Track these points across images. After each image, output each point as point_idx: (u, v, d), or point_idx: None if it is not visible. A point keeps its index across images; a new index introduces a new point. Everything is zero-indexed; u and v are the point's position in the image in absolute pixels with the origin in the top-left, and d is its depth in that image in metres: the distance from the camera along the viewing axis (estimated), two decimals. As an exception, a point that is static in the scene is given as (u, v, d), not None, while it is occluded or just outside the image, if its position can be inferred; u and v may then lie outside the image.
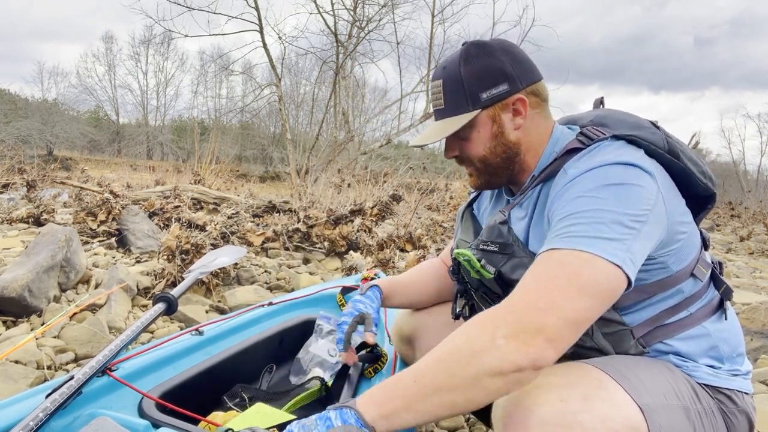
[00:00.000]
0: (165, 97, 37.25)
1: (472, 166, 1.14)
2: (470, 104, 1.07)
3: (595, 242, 0.85)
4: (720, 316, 1.07)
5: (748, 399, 1.05)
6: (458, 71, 1.08)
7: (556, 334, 0.79)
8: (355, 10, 10.74)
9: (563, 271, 0.83)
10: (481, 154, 1.10)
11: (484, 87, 1.06)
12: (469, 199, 1.34)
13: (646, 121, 1.09)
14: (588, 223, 0.87)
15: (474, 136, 1.09)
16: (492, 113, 1.08)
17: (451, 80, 1.08)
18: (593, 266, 0.83)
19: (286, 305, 1.81)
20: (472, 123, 1.08)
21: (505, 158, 1.10)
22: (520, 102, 1.07)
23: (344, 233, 4.21)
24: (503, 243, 1.07)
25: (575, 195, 0.93)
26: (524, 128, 1.09)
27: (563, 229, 0.89)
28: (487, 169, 1.12)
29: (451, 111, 1.09)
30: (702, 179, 1.10)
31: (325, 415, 0.82)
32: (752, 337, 2.71)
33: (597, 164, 0.95)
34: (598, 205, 0.89)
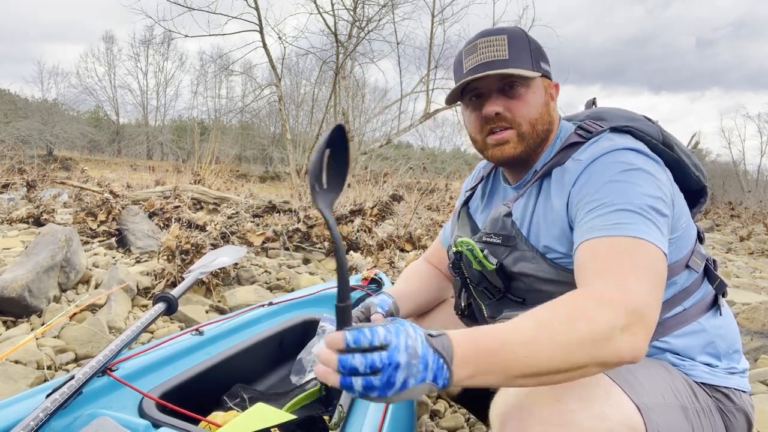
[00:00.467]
0: (165, 97, 37.28)
1: (515, 129, 1.08)
2: (534, 66, 1.08)
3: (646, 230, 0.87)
4: (715, 312, 1.08)
5: (746, 397, 1.05)
6: (524, 35, 1.10)
7: (653, 328, 0.80)
8: (355, 10, 10.75)
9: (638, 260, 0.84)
10: (533, 116, 1.08)
11: (543, 59, 1.11)
12: (465, 197, 1.34)
13: (640, 115, 1.12)
14: (630, 210, 0.89)
15: (530, 97, 1.08)
16: (546, 83, 1.11)
17: (520, 39, 1.08)
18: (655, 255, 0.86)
19: (286, 305, 1.81)
20: (531, 84, 1.08)
21: (546, 129, 1.11)
22: (556, 88, 1.14)
23: (344, 233, 4.21)
24: (506, 235, 1.08)
25: (602, 181, 0.94)
26: (555, 112, 1.14)
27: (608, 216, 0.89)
28: (532, 134, 1.09)
29: (517, 63, 1.06)
30: (695, 171, 1.12)
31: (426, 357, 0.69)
32: (752, 337, 2.70)
33: (607, 149, 0.98)
34: (632, 191, 0.91)
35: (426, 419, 1.81)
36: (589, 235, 0.89)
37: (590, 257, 0.87)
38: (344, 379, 0.68)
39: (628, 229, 0.87)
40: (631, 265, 0.83)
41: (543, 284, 1.04)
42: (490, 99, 1.07)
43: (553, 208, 1.03)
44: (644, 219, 0.88)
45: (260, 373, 1.57)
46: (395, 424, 1.16)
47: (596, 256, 0.87)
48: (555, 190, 1.03)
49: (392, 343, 0.69)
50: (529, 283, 1.06)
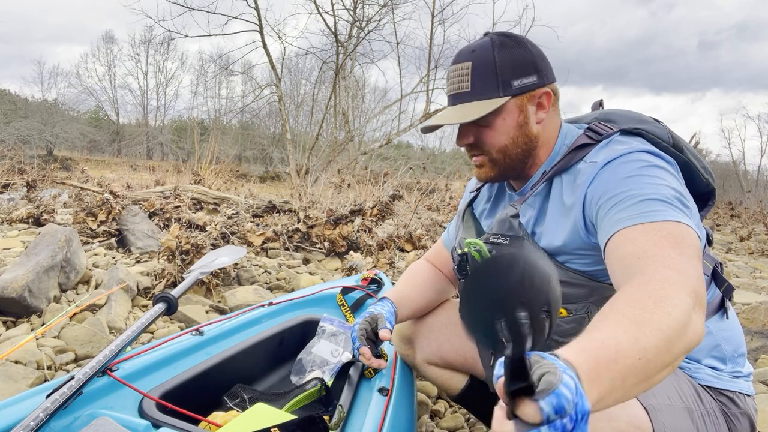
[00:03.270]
0: (165, 97, 37.27)
1: (486, 156, 1.10)
2: (501, 90, 1.05)
3: (678, 215, 0.85)
4: (722, 315, 1.07)
5: (750, 401, 1.05)
6: (491, 55, 1.06)
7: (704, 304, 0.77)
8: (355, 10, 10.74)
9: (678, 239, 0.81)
10: (503, 143, 1.07)
11: (517, 75, 1.05)
12: (469, 199, 1.33)
13: (649, 117, 1.12)
14: (658, 198, 0.87)
15: (498, 124, 1.06)
16: (520, 102, 1.07)
17: (483, 64, 1.05)
18: (692, 234, 0.83)
19: (286, 305, 1.81)
20: (499, 110, 1.05)
21: (524, 150, 1.09)
22: (546, 96, 1.08)
23: (344, 233, 4.21)
24: (514, 236, 1.07)
25: (625, 175, 0.93)
26: (544, 123, 1.10)
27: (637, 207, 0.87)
28: (505, 159, 1.09)
29: (479, 95, 1.05)
30: (704, 174, 1.12)
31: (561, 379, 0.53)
32: (752, 337, 2.70)
33: (624, 151, 0.97)
34: (655, 182, 0.90)
35: (426, 419, 1.81)
36: (621, 225, 0.87)
37: (629, 244, 0.84)
38: None
39: (660, 215, 0.85)
40: (674, 245, 0.80)
41: None
42: (461, 131, 1.11)
43: (563, 207, 1.02)
44: (672, 206, 0.87)
45: (260, 373, 1.57)
46: (395, 424, 1.16)
47: (635, 242, 0.83)
48: (566, 191, 1.02)
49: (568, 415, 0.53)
50: None
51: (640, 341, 0.65)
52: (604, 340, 0.64)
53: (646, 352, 0.64)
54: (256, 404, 1.18)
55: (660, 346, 0.65)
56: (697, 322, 0.71)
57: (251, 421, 1.06)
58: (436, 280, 1.44)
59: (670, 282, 0.73)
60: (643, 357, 0.64)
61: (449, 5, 11.35)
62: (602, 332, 0.66)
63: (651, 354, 0.64)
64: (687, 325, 0.69)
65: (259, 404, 1.17)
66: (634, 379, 0.64)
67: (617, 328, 0.66)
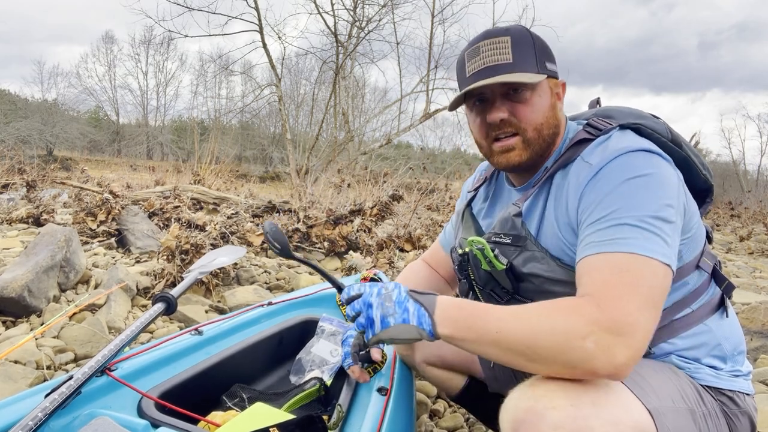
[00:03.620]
0: (165, 97, 37.28)
1: (520, 135, 1.05)
2: (539, 68, 1.04)
3: (647, 243, 0.86)
4: (721, 314, 1.07)
5: (750, 400, 1.05)
6: (529, 35, 1.06)
7: (641, 349, 0.81)
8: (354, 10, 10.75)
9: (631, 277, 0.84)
10: (539, 121, 1.05)
11: (548, 59, 1.07)
12: (468, 199, 1.33)
13: (647, 113, 1.11)
14: (631, 223, 0.88)
15: (535, 101, 1.04)
16: (552, 84, 1.08)
17: (523, 39, 1.04)
18: (654, 270, 0.85)
19: (285, 305, 1.81)
20: (537, 87, 1.04)
21: (554, 133, 1.08)
22: (563, 87, 1.11)
23: (344, 233, 4.21)
24: (516, 235, 1.06)
25: (606, 191, 0.93)
26: (561, 113, 1.12)
27: (608, 231, 0.89)
28: (538, 140, 1.06)
29: (522, 66, 1.02)
30: (702, 170, 1.12)
31: (405, 303, 0.91)
32: (752, 337, 2.70)
33: (619, 151, 0.96)
34: (635, 201, 0.90)
35: (425, 419, 1.81)
36: (587, 252, 0.90)
37: (585, 273, 0.89)
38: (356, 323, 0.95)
39: (625, 245, 0.86)
40: (622, 283, 0.84)
41: (552, 285, 1.02)
42: (495, 105, 1.04)
43: (563, 208, 1.01)
44: (644, 232, 0.87)
45: (259, 373, 1.57)
46: (394, 424, 1.16)
47: (590, 272, 0.88)
48: (564, 190, 1.02)
49: (365, 292, 0.95)
50: (539, 284, 1.04)
51: (506, 320, 0.85)
52: (481, 305, 0.90)
53: (507, 329, 0.84)
54: (255, 404, 1.18)
55: (521, 332, 0.83)
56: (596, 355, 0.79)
57: (250, 421, 1.06)
58: (431, 279, 1.43)
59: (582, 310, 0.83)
60: (501, 330, 0.85)
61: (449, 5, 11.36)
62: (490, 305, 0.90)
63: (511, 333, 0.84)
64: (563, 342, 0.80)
65: (258, 404, 1.17)
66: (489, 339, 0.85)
67: (503, 308, 0.88)
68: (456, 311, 0.89)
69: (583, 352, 0.80)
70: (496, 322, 0.85)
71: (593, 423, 0.80)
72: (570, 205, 0.99)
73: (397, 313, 0.89)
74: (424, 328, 0.88)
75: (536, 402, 0.82)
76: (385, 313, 0.90)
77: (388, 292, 0.92)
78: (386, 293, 0.92)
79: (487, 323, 0.86)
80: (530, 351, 0.83)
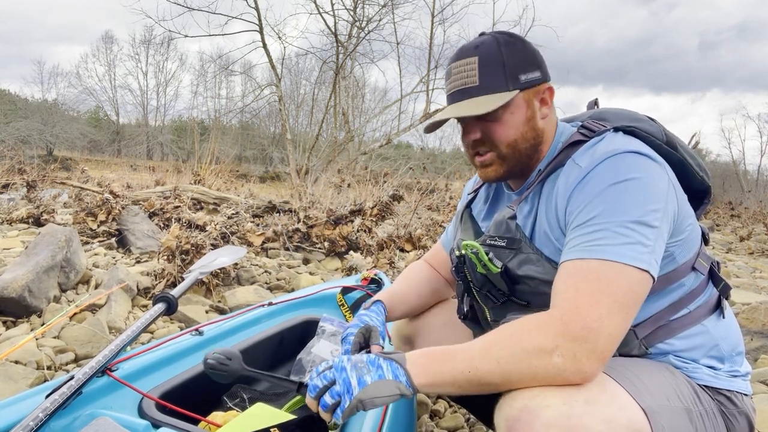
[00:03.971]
0: (165, 97, 37.26)
1: (495, 152, 1.08)
2: (509, 84, 1.04)
3: (623, 249, 0.88)
4: (719, 315, 1.07)
5: (747, 400, 1.05)
6: (498, 50, 1.05)
7: (606, 352, 0.85)
8: (355, 10, 10.75)
9: (602, 284, 0.87)
10: (512, 138, 1.06)
11: (523, 69, 1.06)
12: (467, 200, 1.33)
13: (643, 116, 1.11)
14: (611, 229, 0.90)
15: (507, 118, 1.05)
16: (527, 97, 1.07)
17: (490, 57, 1.05)
18: (627, 276, 0.87)
19: (286, 305, 1.81)
20: (508, 104, 1.05)
21: (532, 145, 1.09)
22: (549, 91, 1.09)
23: (344, 233, 4.21)
24: (511, 238, 1.07)
25: (592, 195, 0.94)
26: (548, 119, 1.10)
27: (587, 236, 0.91)
28: (514, 155, 1.08)
29: (488, 88, 1.04)
30: (699, 172, 1.12)
31: (377, 362, 0.90)
32: (752, 337, 2.70)
33: (607, 154, 0.96)
34: (617, 206, 0.91)
35: (426, 419, 1.81)
36: (567, 257, 0.93)
37: (560, 279, 0.92)
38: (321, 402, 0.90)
39: (600, 251, 0.88)
40: (591, 289, 0.86)
41: (547, 287, 1.02)
42: (469, 125, 1.09)
43: (554, 210, 1.02)
44: (624, 237, 0.88)
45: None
46: (395, 424, 1.16)
47: (564, 278, 0.91)
48: (555, 193, 1.02)
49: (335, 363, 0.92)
50: (534, 286, 1.05)
51: (475, 358, 0.87)
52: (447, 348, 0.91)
53: (476, 368, 0.86)
54: (256, 404, 1.18)
55: (492, 371, 0.85)
56: (561, 363, 0.83)
57: (251, 421, 1.06)
58: (431, 279, 1.44)
59: (546, 322, 0.86)
60: (473, 371, 0.86)
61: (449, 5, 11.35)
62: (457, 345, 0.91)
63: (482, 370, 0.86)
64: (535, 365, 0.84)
65: (258, 404, 1.17)
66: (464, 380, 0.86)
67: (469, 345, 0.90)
68: (425, 359, 0.90)
69: (553, 368, 0.83)
70: (468, 361, 0.87)
71: (586, 421, 0.80)
72: (559, 207, 1.00)
73: (372, 371, 0.88)
74: (401, 380, 0.88)
75: (530, 400, 0.83)
76: (360, 373, 0.88)
77: (358, 357, 0.92)
78: (356, 358, 0.91)
79: (457, 364, 0.88)
80: (505, 379, 0.86)
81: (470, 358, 0.87)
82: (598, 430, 0.80)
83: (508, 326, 0.90)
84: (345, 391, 0.87)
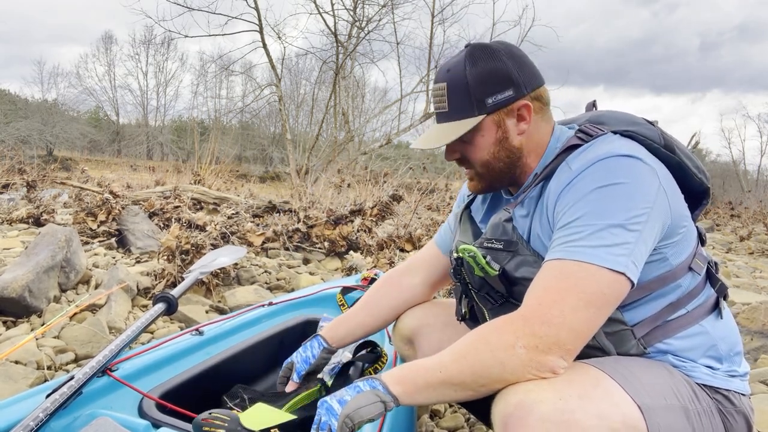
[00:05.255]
0: (165, 98, 37.25)
1: (473, 170, 1.14)
2: (476, 109, 1.06)
3: (598, 252, 0.89)
4: (717, 315, 1.08)
5: (746, 400, 1.05)
6: (464, 75, 1.06)
7: (568, 345, 0.87)
8: (354, 11, 10.75)
9: (569, 283, 0.89)
10: (485, 158, 1.10)
11: (490, 92, 1.06)
12: (467, 201, 1.33)
13: (641, 119, 1.11)
14: (590, 231, 0.91)
15: (478, 141, 1.09)
16: (497, 118, 1.08)
17: (456, 84, 1.07)
18: (597, 277, 0.88)
19: (286, 305, 1.81)
20: (477, 128, 1.07)
21: (508, 163, 1.11)
22: (525, 108, 1.08)
23: (344, 233, 4.21)
24: (508, 240, 1.07)
25: (577, 197, 0.95)
26: (527, 133, 1.10)
27: (567, 237, 0.93)
28: (490, 173, 1.12)
29: (456, 115, 1.08)
30: (697, 174, 1.12)
31: (354, 384, 0.95)
32: (752, 337, 2.70)
33: (599, 156, 0.97)
34: (600, 210, 0.92)
35: (426, 419, 1.81)
36: (548, 257, 0.95)
37: (538, 280, 0.94)
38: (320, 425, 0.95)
39: (577, 253, 0.90)
40: (560, 288, 0.89)
41: None
42: (448, 147, 1.13)
43: (546, 212, 1.03)
44: (601, 240, 0.89)
45: (260, 373, 1.57)
46: (395, 424, 1.16)
47: (539, 277, 0.94)
48: (548, 195, 1.03)
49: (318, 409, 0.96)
50: None
51: (445, 366, 0.90)
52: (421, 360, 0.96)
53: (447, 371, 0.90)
54: (256, 404, 1.18)
55: (461, 368, 0.89)
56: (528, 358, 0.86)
57: (251, 421, 1.06)
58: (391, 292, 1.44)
59: (513, 321, 0.90)
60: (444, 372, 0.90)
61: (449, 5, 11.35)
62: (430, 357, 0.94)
63: (453, 373, 0.89)
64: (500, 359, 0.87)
65: (259, 404, 1.17)
66: (440, 386, 0.90)
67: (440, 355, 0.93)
68: (399, 371, 0.95)
69: (517, 359, 0.86)
70: (438, 366, 0.91)
71: (579, 416, 0.81)
72: (549, 208, 1.02)
73: (350, 391, 0.95)
74: (378, 388, 0.91)
75: (525, 396, 0.84)
76: (340, 395, 0.95)
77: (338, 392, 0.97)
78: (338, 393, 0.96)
79: (428, 371, 0.92)
80: (477, 377, 0.88)
81: (440, 358, 0.92)
82: (591, 425, 0.81)
83: (476, 329, 0.93)
84: (330, 417, 0.93)
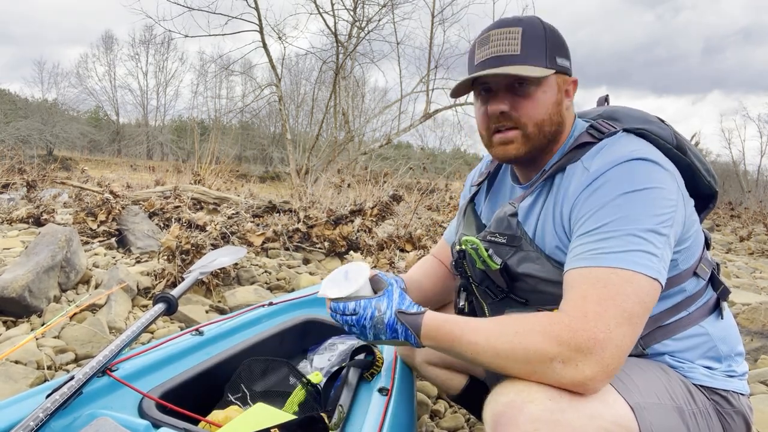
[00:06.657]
0: (165, 97, 37.30)
1: (520, 129, 1.04)
2: (547, 61, 1.02)
3: (632, 257, 0.86)
4: (717, 316, 1.07)
5: (744, 400, 1.05)
6: (541, 27, 1.04)
7: (612, 365, 0.83)
8: (355, 10, 10.75)
9: (610, 292, 0.85)
10: (540, 117, 1.03)
11: (560, 53, 1.05)
12: (471, 195, 1.32)
13: (654, 117, 1.09)
14: (621, 236, 0.88)
15: (539, 96, 1.02)
16: (559, 81, 1.06)
17: (534, 31, 1.02)
18: (636, 285, 0.85)
19: (286, 305, 1.81)
20: (542, 82, 1.02)
21: (555, 131, 1.06)
22: (573, 84, 1.08)
23: (344, 233, 4.21)
24: (511, 235, 1.06)
25: (601, 203, 0.92)
26: (569, 111, 1.09)
27: (597, 244, 0.90)
28: (538, 135, 1.04)
29: (527, 60, 1.00)
30: (706, 177, 1.10)
31: (394, 326, 1.00)
32: (752, 338, 2.70)
33: (617, 160, 0.94)
34: (627, 214, 0.89)
35: (426, 419, 1.81)
36: (574, 264, 0.91)
37: (569, 287, 0.90)
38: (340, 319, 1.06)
39: (610, 259, 0.87)
40: (600, 298, 0.84)
41: (547, 285, 1.02)
42: (497, 96, 1.03)
43: (560, 210, 1.01)
44: (633, 245, 0.87)
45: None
46: (395, 424, 1.16)
47: (573, 286, 0.89)
48: (562, 194, 1.01)
49: (359, 313, 1.02)
50: (533, 284, 1.04)
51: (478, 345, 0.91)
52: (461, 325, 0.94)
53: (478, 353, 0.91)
54: (256, 404, 1.18)
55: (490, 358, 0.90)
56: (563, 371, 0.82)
57: (251, 421, 1.06)
58: (438, 273, 1.41)
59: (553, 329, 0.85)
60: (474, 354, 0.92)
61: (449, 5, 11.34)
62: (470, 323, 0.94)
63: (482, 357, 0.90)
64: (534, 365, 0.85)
65: (259, 404, 1.17)
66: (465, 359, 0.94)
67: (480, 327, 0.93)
68: (436, 332, 0.97)
69: (552, 372, 0.83)
70: (471, 346, 0.92)
71: (570, 416, 0.81)
72: (564, 209, 0.99)
73: (387, 333, 1.00)
74: (411, 342, 0.99)
75: (516, 396, 0.84)
76: (377, 332, 1.01)
77: (380, 314, 1.01)
78: (378, 316, 1.01)
79: (462, 346, 0.93)
80: (503, 369, 0.89)
81: (476, 343, 0.91)
82: (581, 424, 0.81)
83: (516, 322, 0.89)
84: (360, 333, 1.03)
